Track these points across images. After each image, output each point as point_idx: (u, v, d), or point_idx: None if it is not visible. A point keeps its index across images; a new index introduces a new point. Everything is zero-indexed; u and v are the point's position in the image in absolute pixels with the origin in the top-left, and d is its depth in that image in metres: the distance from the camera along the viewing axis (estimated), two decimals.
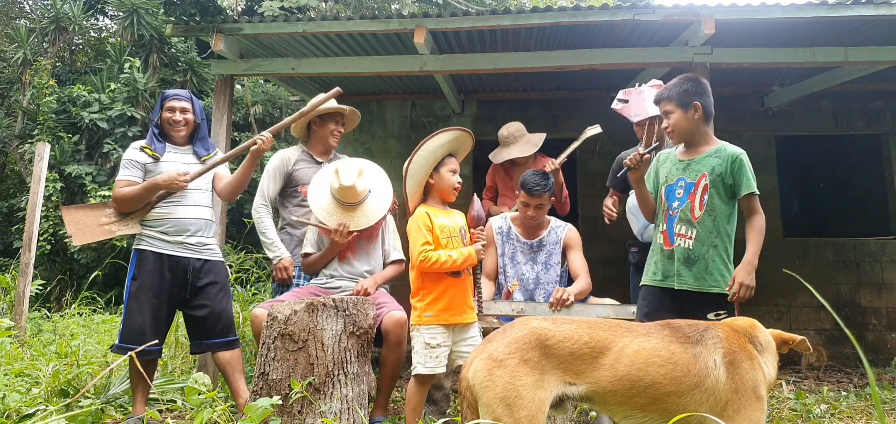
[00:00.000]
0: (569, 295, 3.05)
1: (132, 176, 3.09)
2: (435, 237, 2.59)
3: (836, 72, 5.06)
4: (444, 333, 2.56)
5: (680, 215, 2.55)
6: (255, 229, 3.59)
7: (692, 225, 2.52)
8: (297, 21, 4.34)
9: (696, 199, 2.53)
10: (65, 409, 2.85)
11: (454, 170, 2.70)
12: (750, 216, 2.56)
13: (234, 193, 3.32)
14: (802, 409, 3.39)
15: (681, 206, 2.56)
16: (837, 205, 7.79)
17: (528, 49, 4.89)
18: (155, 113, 3.25)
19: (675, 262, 2.54)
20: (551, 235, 3.47)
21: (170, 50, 9.52)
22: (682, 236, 2.53)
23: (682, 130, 2.60)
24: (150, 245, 3.08)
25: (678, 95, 2.58)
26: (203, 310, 3.13)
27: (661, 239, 2.62)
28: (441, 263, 2.52)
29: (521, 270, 3.43)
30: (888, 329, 5.65)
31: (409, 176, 2.66)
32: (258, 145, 3.15)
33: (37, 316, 5.71)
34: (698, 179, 2.55)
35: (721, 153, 2.57)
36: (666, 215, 2.61)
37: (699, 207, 2.52)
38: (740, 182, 2.52)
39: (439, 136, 2.67)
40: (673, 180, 2.62)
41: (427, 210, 2.65)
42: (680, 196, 2.57)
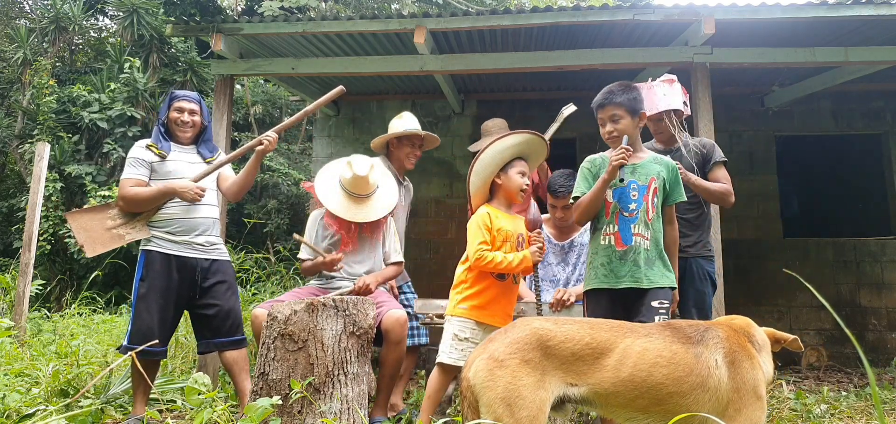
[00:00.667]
0: (570, 296, 3.05)
1: (140, 175, 3.07)
2: (492, 238, 2.58)
3: (836, 72, 5.06)
4: (473, 328, 2.56)
5: (639, 217, 2.59)
6: (254, 229, 3.60)
7: (648, 227, 2.59)
8: (297, 21, 4.34)
9: (649, 201, 2.60)
10: (65, 409, 2.85)
11: (523, 172, 2.68)
12: (670, 224, 2.72)
13: (240, 192, 3.32)
14: (802, 409, 3.39)
15: (639, 208, 2.60)
16: (837, 205, 7.79)
17: (528, 49, 4.89)
18: (162, 111, 3.23)
19: (627, 263, 2.56)
20: (583, 236, 3.47)
21: (170, 50, 9.51)
22: (640, 236, 2.57)
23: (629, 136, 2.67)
24: (158, 246, 3.07)
25: (627, 101, 2.66)
26: (212, 309, 3.13)
27: (609, 240, 2.63)
28: (497, 263, 2.53)
29: (553, 271, 3.43)
30: (888, 329, 5.65)
31: (474, 174, 2.65)
32: (264, 146, 3.15)
33: (37, 316, 5.71)
34: (649, 182, 2.63)
35: (661, 162, 2.69)
36: (617, 216, 2.63)
37: (652, 208, 2.61)
38: (677, 191, 2.68)
39: (509, 138, 2.66)
40: (624, 183, 2.65)
41: (489, 210, 2.64)
42: (635, 198, 2.62)
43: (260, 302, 4.28)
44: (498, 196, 2.70)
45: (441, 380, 2.59)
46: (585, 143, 6.38)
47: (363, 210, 3.28)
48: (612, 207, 2.65)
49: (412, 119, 3.72)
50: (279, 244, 8.22)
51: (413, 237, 4.05)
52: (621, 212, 2.63)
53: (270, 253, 7.91)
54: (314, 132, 6.64)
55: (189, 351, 4.21)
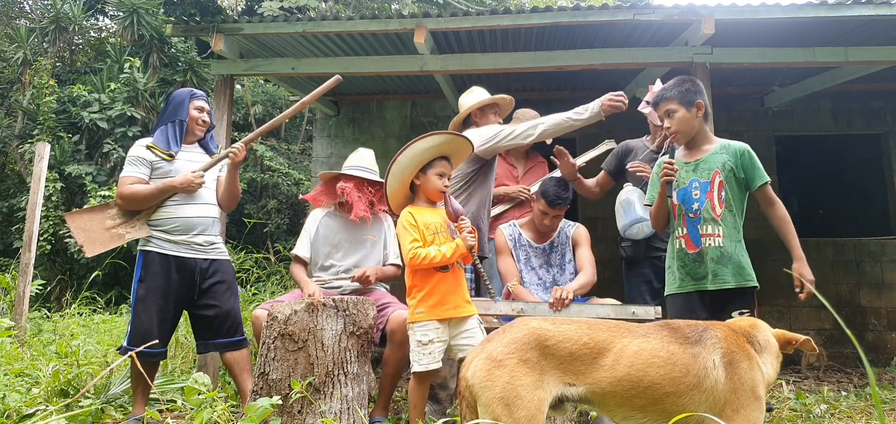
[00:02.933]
0: (568, 293, 3.04)
1: (140, 173, 3.05)
2: (421, 235, 2.61)
3: (836, 72, 5.06)
4: (436, 328, 2.56)
5: (704, 216, 2.52)
6: (254, 229, 3.61)
7: (717, 223, 2.50)
8: (297, 21, 4.34)
9: (714, 197, 2.52)
10: (65, 409, 2.85)
11: (441, 173, 2.71)
12: (770, 207, 2.58)
13: (231, 202, 3.30)
14: (802, 409, 3.39)
15: (701, 206, 2.53)
16: (837, 205, 7.79)
17: (528, 49, 4.90)
18: (180, 110, 3.18)
19: (705, 263, 2.51)
20: (560, 235, 3.47)
21: (170, 50, 9.51)
22: (710, 236, 2.50)
23: (686, 129, 2.60)
24: (156, 247, 3.05)
25: (680, 94, 2.58)
26: (211, 310, 3.12)
27: (681, 244, 2.58)
28: (431, 258, 2.54)
29: (538, 274, 3.44)
30: (888, 329, 5.66)
31: (391, 175, 2.69)
32: (231, 158, 3.13)
33: (37, 316, 5.71)
34: (712, 176, 2.54)
35: (728, 149, 2.58)
36: (685, 219, 2.57)
37: (719, 204, 2.51)
38: (753, 175, 2.55)
39: (426, 139, 2.68)
40: (685, 183, 2.58)
41: (410, 210, 2.68)
42: (697, 197, 2.54)
43: (260, 302, 4.28)
44: (419, 196, 2.74)
45: (420, 388, 2.59)
46: (585, 143, 6.38)
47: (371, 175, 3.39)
48: (678, 209, 2.60)
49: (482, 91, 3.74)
50: (279, 244, 8.22)
51: None
52: (687, 214, 2.57)
53: (270, 253, 7.91)
54: (314, 132, 6.64)
55: (189, 351, 4.21)
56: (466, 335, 2.60)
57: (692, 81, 2.64)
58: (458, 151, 2.79)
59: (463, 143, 2.77)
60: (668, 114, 2.61)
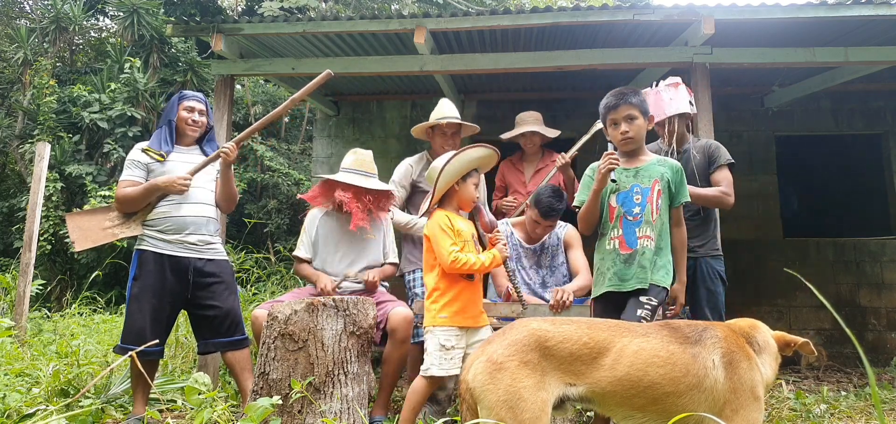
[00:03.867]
0: (568, 295, 3.05)
1: (135, 176, 3.08)
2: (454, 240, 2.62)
3: (836, 72, 5.06)
4: (458, 335, 2.58)
5: (644, 219, 2.62)
6: (254, 229, 3.62)
7: (653, 227, 2.61)
8: (297, 21, 4.34)
9: (653, 203, 2.63)
10: (65, 409, 2.85)
11: (476, 183, 2.76)
12: (678, 227, 2.75)
13: (228, 203, 3.31)
14: (802, 409, 3.39)
15: (643, 211, 2.62)
16: (837, 205, 7.79)
17: (528, 49, 4.90)
18: (170, 111, 3.22)
19: (634, 265, 2.58)
20: (552, 237, 3.48)
21: (170, 50, 9.52)
22: (646, 238, 2.60)
23: (640, 137, 2.71)
24: (151, 246, 3.07)
25: (640, 103, 2.69)
26: (210, 310, 3.12)
27: (614, 244, 2.66)
28: (471, 265, 2.55)
29: (527, 274, 3.44)
30: (888, 329, 5.66)
31: (444, 175, 2.66)
32: (223, 159, 3.15)
33: (37, 316, 5.71)
34: (652, 184, 2.65)
35: (665, 164, 2.71)
36: (622, 221, 2.65)
37: (656, 210, 2.62)
38: (682, 192, 2.71)
39: (477, 149, 2.74)
40: (627, 188, 2.67)
41: (447, 214, 2.68)
42: (639, 202, 2.64)
43: (260, 302, 4.28)
44: (450, 201, 2.74)
45: (427, 391, 2.59)
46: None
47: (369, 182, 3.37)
48: (617, 211, 2.67)
49: (448, 107, 3.78)
50: (279, 244, 8.22)
51: None
52: (625, 216, 2.65)
53: (270, 253, 7.91)
54: (314, 132, 6.64)
55: (189, 351, 4.21)
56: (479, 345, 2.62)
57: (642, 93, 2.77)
58: (488, 164, 2.85)
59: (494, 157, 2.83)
60: (628, 118, 2.68)
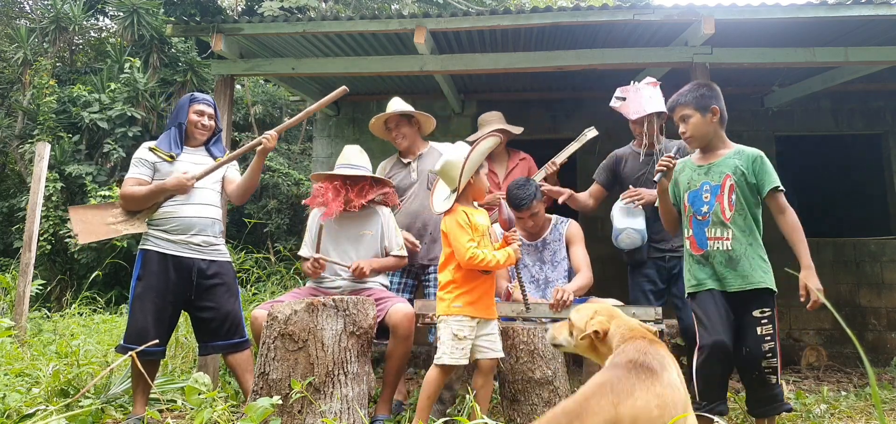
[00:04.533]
0: (568, 294, 3.05)
1: (141, 175, 3.09)
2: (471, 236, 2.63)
3: (836, 72, 5.06)
4: (470, 325, 2.59)
5: (712, 219, 2.53)
6: (254, 229, 3.62)
7: (726, 227, 2.51)
8: (297, 21, 4.34)
9: (725, 200, 2.52)
10: (65, 409, 2.85)
11: (487, 173, 2.80)
12: (782, 215, 2.53)
13: (245, 194, 3.32)
14: (802, 409, 3.39)
15: (711, 210, 2.54)
16: (837, 205, 7.79)
17: (528, 49, 4.89)
18: (180, 113, 3.22)
19: (711, 266, 2.52)
20: (553, 232, 3.47)
21: (170, 50, 9.52)
22: (717, 240, 2.51)
23: (700, 134, 2.61)
24: (155, 245, 3.07)
25: (695, 99, 2.60)
26: (209, 312, 3.12)
27: (688, 245, 2.62)
28: (487, 262, 2.57)
29: (530, 271, 3.43)
30: (888, 329, 5.66)
31: (466, 170, 2.64)
32: (263, 144, 3.17)
33: (37, 316, 5.71)
34: (723, 180, 2.55)
35: (741, 154, 2.59)
36: (691, 221, 2.60)
37: (729, 207, 2.52)
38: (764, 180, 2.53)
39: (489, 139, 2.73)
40: (696, 186, 2.60)
41: (465, 209, 2.67)
42: (707, 200, 2.56)
43: (260, 302, 4.28)
44: (466, 195, 2.73)
45: (440, 380, 2.59)
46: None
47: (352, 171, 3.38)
48: (687, 210, 2.62)
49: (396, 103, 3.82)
50: (279, 244, 8.22)
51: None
52: (695, 216, 2.59)
53: (270, 253, 7.91)
54: (314, 132, 6.64)
55: (189, 351, 4.21)
56: (488, 338, 2.65)
57: (709, 85, 2.66)
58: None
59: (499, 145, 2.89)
60: (682, 119, 2.62)
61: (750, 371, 2.47)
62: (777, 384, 2.46)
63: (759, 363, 2.42)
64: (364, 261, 3.23)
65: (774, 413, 2.49)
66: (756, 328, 2.42)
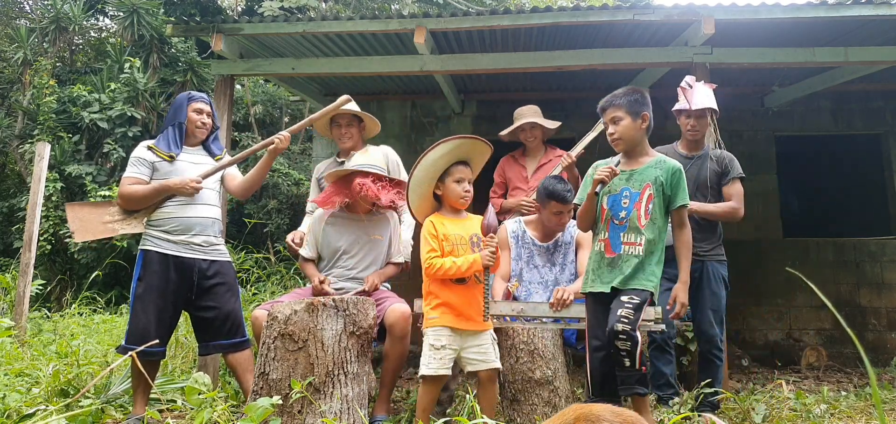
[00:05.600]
0: (569, 294, 3.05)
1: (140, 174, 3.08)
2: (440, 245, 2.61)
3: (836, 72, 5.06)
4: (448, 335, 2.57)
5: (629, 225, 2.59)
6: (254, 229, 3.62)
7: (640, 233, 2.57)
8: (298, 21, 4.34)
9: (642, 208, 2.58)
10: (65, 409, 2.85)
11: (460, 179, 2.68)
12: (680, 228, 2.66)
13: (250, 191, 3.33)
14: (802, 409, 3.39)
15: (628, 215, 2.60)
16: (837, 205, 7.79)
17: (528, 49, 4.90)
18: (179, 112, 3.21)
19: (617, 269, 2.57)
20: (565, 234, 3.46)
21: (170, 50, 9.51)
22: (630, 244, 2.57)
23: (628, 138, 2.65)
24: (156, 246, 3.06)
25: (628, 103, 2.64)
26: (210, 311, 3.12)
27: (601, 247, 2.66)
28: (446, 269, 2.55)
29: (541, 273, 3.43)
30: (888, 329, 5.66)
31: (411, 191, 2.69)
32: (275, 145, 3.17)
33: (37, 316, 5.71)
34: (643, 188, 2.61)
35: (661, 165, 2.64)
36: (609, 224, 2.64)
37: (644, 215, 2.58)
38: (677, 194, 2.62)
39: (437, 148, 2.65)
40: (617, 191, 2.65)
41: (433, 219, 2.67)
42: (626, 206, 2.61)
43: (260, 302, 4.27)
44: (445, 205, 2.72)
45: (429, 392, 2.59)
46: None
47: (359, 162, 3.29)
48: (606, 213, 2.67)
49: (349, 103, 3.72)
50: (279, 244, 8.22)
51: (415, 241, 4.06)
52: (612, 220, 2.64)
53: (270, 253, 7.91)
54: (314, 133, 6.64)
55: (189, 351, 4.21)
56: (477, 350, 2.60)
57: (642, 93, 2.70)
58: (475, 153, 2.74)
59: (477, 145, 2.72)
60: (613, 120, 2.66)
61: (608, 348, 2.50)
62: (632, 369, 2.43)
63: (612, 340, 2.44)
64: (375, 275, 3.26)
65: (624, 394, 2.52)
66: (618, 309, 2.46)
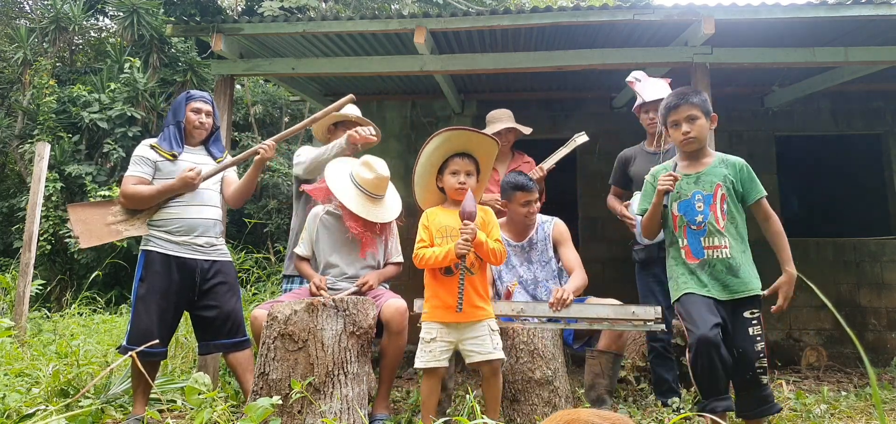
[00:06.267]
0: (568, 294, 3.04)
1: (143, 173, 3.07)
2: (430, 236, 2.65)
3: (836, 72, 5.06)
4: (438, 328, 2.58)
5: (708, 228, 2.55)
6: (254, 229, 3.61)
7: (722, 235, 2.53)
8: (298, 21, 4.34)
9: (718, 209, 2.55)
10: (65, 409, 2.85)
11: (455, 171, 2.70)
12: (767, 220, 2.61)
13: (241, 199, 3.31)
14: (802, 409, 3.39)
15: (706, 219, 2.55)
16: (837, 205, 7.79)
17: (528, 49, 4.89)
18: (178, 112, 3.21)
19: (710, 274, 2.53)
20: (539, 232, 3.46)
21: (170, 50, 9.51)
22: (715, 248, 2.53)
23: (703, 138, 2.63)
24: (158, 246, 3.06)
25: (702, 102, 2.61)
26: (211, 311, 3.12)
27: (682, 254, 2.61)
28: (426, 259, 2.59)
29: (519, 272, 3.42)
30: (888, 329, 5.66)
31: (415, 184, 2.79)
32: (261, 155, 3.16)
33: (37, 316, 5.71)
34: (715, 189, 2.57)
35: (727, 163, 2.62)
36: (686, 230, 2.60)
37: (722, 216, 2.55)
38: (750, 189, 2.59)
39: (432, 141, 2.70)
40: (688, 195, 2.61)
41: (428, 212, 2.71)
42: (701, 209, 2.57)
43: (260, 302, 4.27)
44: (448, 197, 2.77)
45: (427, 385, 2.60)
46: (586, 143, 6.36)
47: (379, 210, 3.29)
48: (679, 219, 2.62)
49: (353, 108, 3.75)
50: (279, 244, 8.22)
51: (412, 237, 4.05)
52: (689, 225, 2.59)
53: (271, 253, 7.91)
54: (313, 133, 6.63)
55: (189, 351, 4.21)
56: (473, 341, 2.58)
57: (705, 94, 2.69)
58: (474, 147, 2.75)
59: (474, 137, 2.75)
60: (689, 119, 2.61)
61: (743, 373, 2.48)
62: (768, 384, 2.49)
63: (752, 364, 2.44)
64: (372, 276, 3.24)
65: (768, 414, 2.50)
66: (748, 329, 2.45)
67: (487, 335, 2.59)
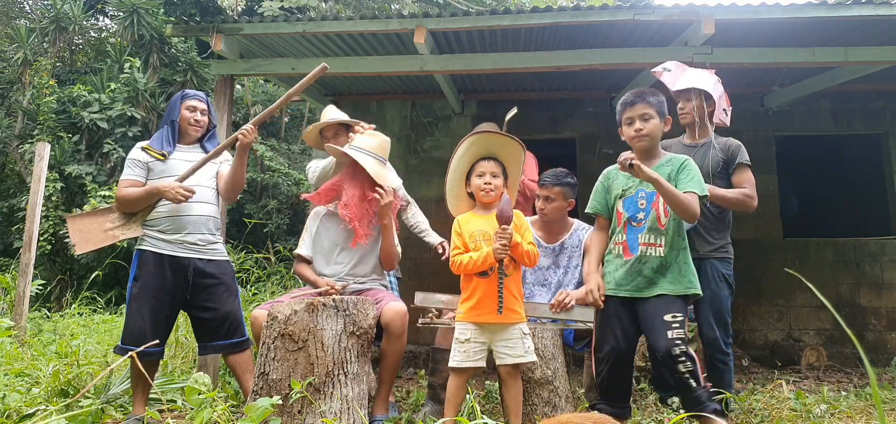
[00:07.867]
0: (571, 300, 3.03)
1: (135, 176, 3.08)
2: (463, 242, 2.68)
3: (836, 72, 5.06)
4: (473, 330, 2.60)
5: (648, 225, 2.57)
6: (254, 229, 3.60)
7: (660, 233, 2.56)
8: (297, 21, 4.34)
9: (660, 207, 2.57)
10: (65, 409, 2.85)
11: (482, 173, 2.75)
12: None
13: (233, 191, 3.26)
14: (802, 409, 3.39)
15: (647, 216, 2.58)
16: (837, 205, 7.80)
17: (528, 49, 4.90)
18: (173, 111, 3.20)
19: (639, 271, 2.55)
20: (573, 237, 3.43)
21: (170, 50, 9.52)
22: (650, 245, 2.56)
23: (655, 137, 2.66)
24: (151, 246, 3.06)
25: (658, 104, 2.64)
26: (208, 312, 3.11)
27: (619, 250, 2.65)
28: (464, 265, 2.61)
29: (544, 275, 3.41)
30: (888, 329, 5.66)
31: (447, 194, 2.86)
32: (240, 140, 3.09)
33: (37, 316, 5.71)
34: None
35: (672, 162, 2.64)
36: (626, 227, 2.63)
37: (664, 214, 2.57)
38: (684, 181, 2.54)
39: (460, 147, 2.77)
40: (632, 192, 2.64)
41: (460, 218, 2.75)
42: (643, 207, 2.60)
43: (260, 302, 4.27)
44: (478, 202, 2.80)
45: (456, 383, 2.62)
46: (586, 143, 6.38)
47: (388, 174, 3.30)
48: (623, 216, 2.64)
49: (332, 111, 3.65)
50: (279, 244, 8.23)
51: (413, 237, 4.06)
52: (631, 222, 2.62)
53: (270, 253, 7.91)
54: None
55: (189, 351, 4.21)
56: (505, 344, 2.59)
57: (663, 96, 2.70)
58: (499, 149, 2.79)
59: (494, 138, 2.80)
60: (643, 118, 2.64)
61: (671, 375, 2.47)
62: (700, 388, 2.44)
63: (674, 367, 2.42)
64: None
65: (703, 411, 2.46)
66: (667, 333, 2.43)
67: (519, 339, 2.61)
